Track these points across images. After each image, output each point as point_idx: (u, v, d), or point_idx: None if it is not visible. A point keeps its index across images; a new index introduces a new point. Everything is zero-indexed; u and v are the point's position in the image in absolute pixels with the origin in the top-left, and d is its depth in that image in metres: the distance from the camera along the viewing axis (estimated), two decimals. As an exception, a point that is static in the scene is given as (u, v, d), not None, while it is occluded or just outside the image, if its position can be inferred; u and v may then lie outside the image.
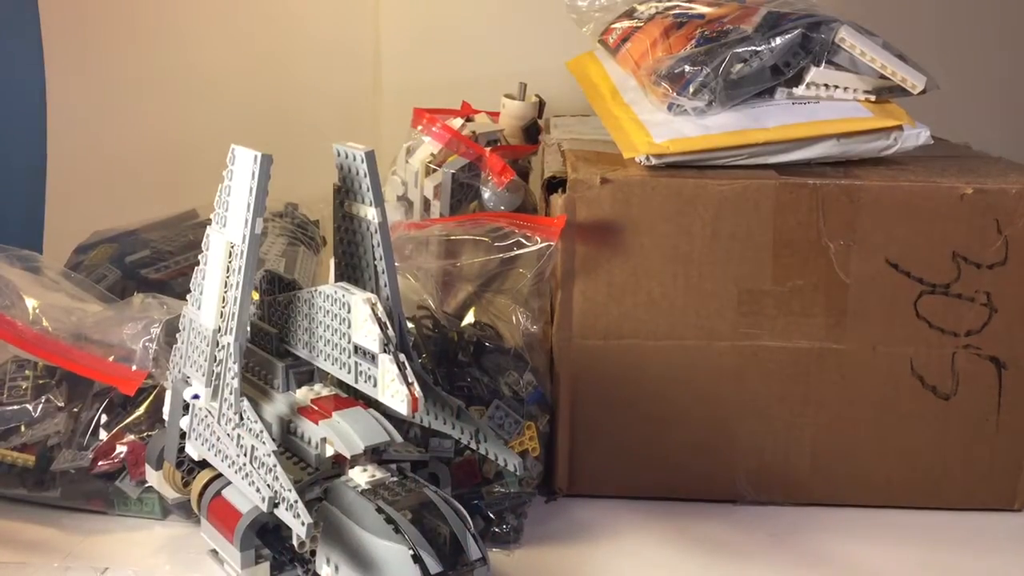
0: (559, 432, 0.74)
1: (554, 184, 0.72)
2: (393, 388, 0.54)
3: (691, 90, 0.71)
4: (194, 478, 0.62)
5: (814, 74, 0.72)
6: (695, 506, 0.74)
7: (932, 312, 0.70)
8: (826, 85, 0.73)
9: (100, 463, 0.69)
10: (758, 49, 0.71)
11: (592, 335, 0.72)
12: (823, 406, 0.72)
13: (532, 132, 0.95)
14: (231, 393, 0.57)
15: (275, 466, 0.53)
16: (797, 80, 0.73)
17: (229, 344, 0.57)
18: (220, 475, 0.61)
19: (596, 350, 0.72)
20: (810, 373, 0.72)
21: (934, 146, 0.75)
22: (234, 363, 0.56)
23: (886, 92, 0.73)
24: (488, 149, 0.85)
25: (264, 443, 0.55)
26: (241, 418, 0.56)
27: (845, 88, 0.73)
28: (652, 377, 0.72)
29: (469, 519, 0.56)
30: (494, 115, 0.96)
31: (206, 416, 0.59)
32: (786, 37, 0.71)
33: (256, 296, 0.64)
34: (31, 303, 0.72)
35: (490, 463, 0.68)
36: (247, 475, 0.56)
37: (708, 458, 0.74)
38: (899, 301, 0.70)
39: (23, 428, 0.71)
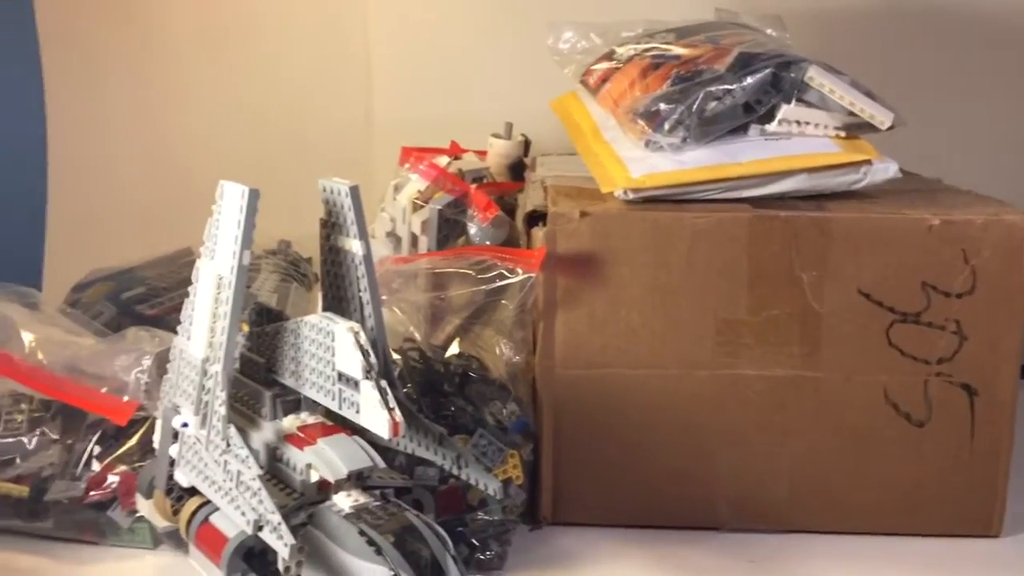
0: (543, 461, 0.75)
1: (535, 218, 0.74)
2: (375, 413, 0.56)
3: (666, 127, 0.74)
4: (183, 505, 0.64)
5: (785, 111, 0.75)
6: (677, 533, 0.75)
7: (904, 340, 0.72)
8: (797, 122, 0.75)
9: (92, 493, 0.71)
10: (730, 88, 0.74)
11: (574, 365, 0.74)
12: (800, 433, 0.74)
13: (518, 170, 0.98)
14: (219, 420, 0.58)
15: (260, 489, 0.55)
16: (769, 117, 0.75)
17: (217, 373, 0.59)
18: (208, 502, 0.62)
19: (578, 379, 0.74)
20: (787, 401, 0.73)
21: (905, 179, 0.78)
22: (221, 391, 0.58)
23: (855, 128, 0.76)
24: (474, 186, 0.87)
25: (250, 468, 0.56)
26: (228, 444, 0.58)
27: (816, 124, 0.75)
28: (634, 406, 0.74)
29: (450, 543, 0.57)
30: (482, 154, 0.99)
31: (195, 443, 0.61)
32: (757, 76, 0.74)
33: (245, 327, 0.66)
34: (27, 337, 0.74)
35: (475, 492, 0.70)
36: (233, 499, 0.57)
37: (689, 485, 0.75)
38: (871, 330, 0.72)
39: (18, 460, 0.72)
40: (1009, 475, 0.74)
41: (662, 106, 0.75)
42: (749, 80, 0.74)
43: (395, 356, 0.75)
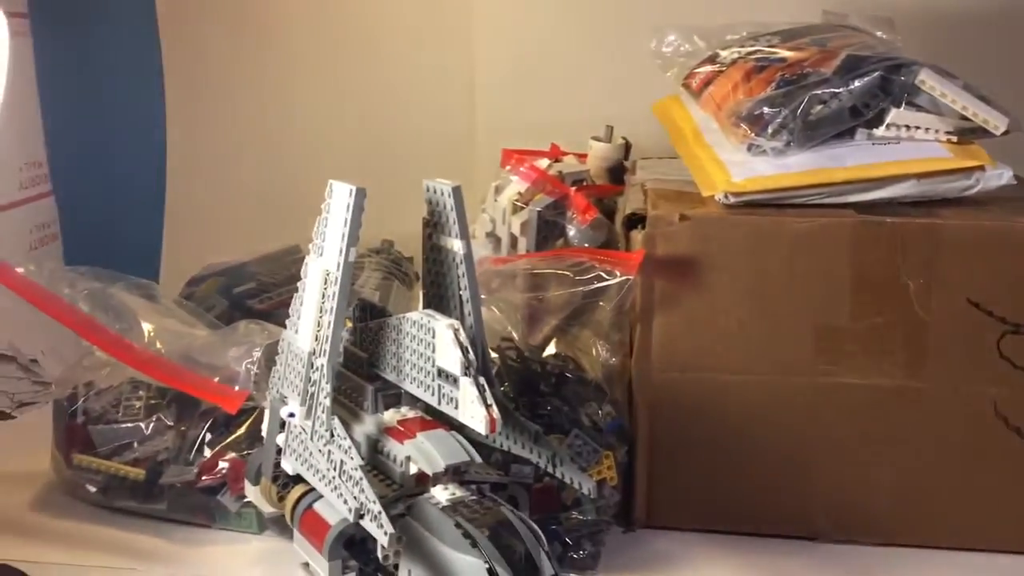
0: (637, 463, 0.75)
1: (634, 221, 0.74)
2: (472, 409, 0.57)
3: (770, 131, 0.73)
4: (288, 492, 0.66)
5: (894, 115, 0.73)
6: (773, 542, 0.74)
7: (1016, 352, 0.70)
8: (907, 126, 0.74)
9: (204, 478, 0.74)
10: (837, 91, 0.73)
11: (670, 367, 0.74)
12: (904, 445, 0.72)
13: (618, 173, 0.98)
14: (323, 411, 0.60)
15: (361, 479, 0.57)
16: (877, 121, 0.74)
17: (323, 365, 0.61)
18: (312, 490, 0.64)
19: (674, 382, 0.74)
20: (890, 411, 0.72)
21: (1020, 186, 0.75)
22: (327, 383, 0.60)
23: (968, 133, 0.73)
24: (573, 188, 0.88)
25: (352, 458, 0.58)
26: (332, 435, 0.60)
27: (926, 129, 0.74)
28: (729, 411, 0.74)
29: (544, 539, 0.58)
30: (582, 157, 1.00)
31: (300, 433, 0.63)
32: (865, 79, 0.73)
33: (349, 323, 0.68)
34: (147, 327, 0.78)
35: (569, 491, 0.70)
36: (336, 488, 0.59)
37: (786, 494, 0.74)
38: (981, 340, 0.70)
39: (136, 444, 0.76)
40: None
41: (766, 110, 0.74)
42: (857, 83, 0.73)
43: (493, 355, 0.76)
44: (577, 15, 1.15)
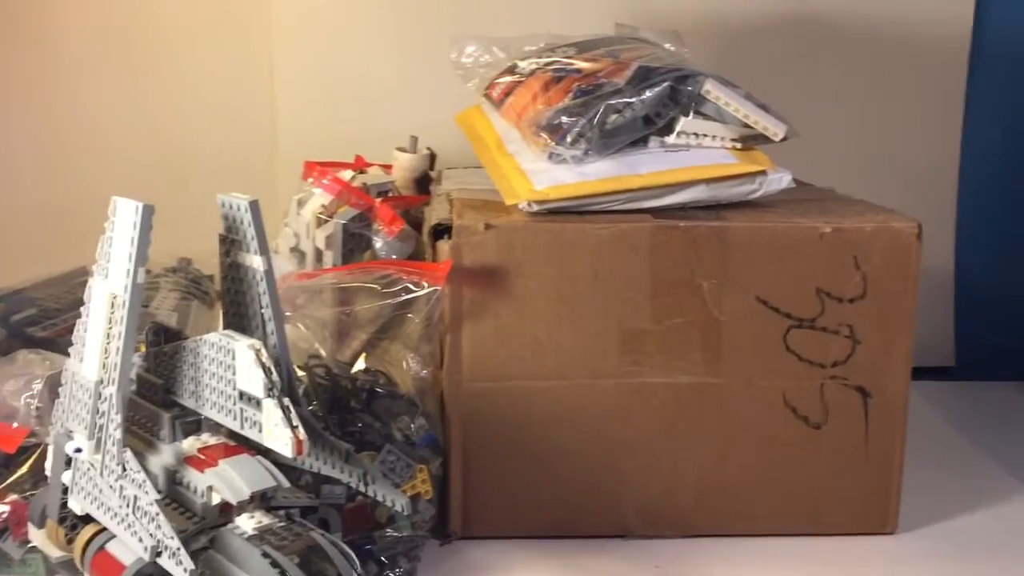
0: (452, 474, 0.75)
1: (440, 231, 0.74)
2: (277, 432, 0.55)
3: (569, 140, 0.75)
4: (77, 534, 0.62)
5: (683, 124, 0.77)
6: (586, 542, 0.76)
7: (801, 345, 0.74)
8: (695, 134, 0.77)
9: (-19, 524, 0.68)
10: (630, 101, 0.76)
11: (481, 377, 0.74)
12: (704, 439, 0.75)
13: (424, 183, 0.98)
14: (113, 444, 0.56)
15: (157, 514, 0.53)
16: (668, 129, 0.77)
17: (112, 395, 0.57)
18: (104, 529, 0.60)
19: (486, 392, 0.74)
20: (691, 408, 0.75)
21: (799, 189, 0.80)
22: (116, 414, 0.56)
23: (751, 140, 0.78)
24: (379, 200, 0.87)
25: (147, 492, 0.54)
26: (124, 469, 0.56)
27: (713, 136, 0.77)
28: (541, 417, 0.74)
29: (357, 562, 0.56)
30: (387, 168, 0.99)
31: (89, 469, 0.59)
32: (656, 89, 0.76)
33: (142, 348, 0.64)
34: (-91, 363, 0.71)
35: (383, 508, 0.69)
36: (130, 525, 0.55)
37: (597, 494, 0.76)
38: (770, 336, 0.74)
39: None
40: (903, 474, 0.77)
41: (564, 119, 0.76)
42: (648, 93, 0.76)
43: (300, 373, 0.74)
44: (379, 25, 1.14)
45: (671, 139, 0.77)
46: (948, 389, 1.12)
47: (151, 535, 0.54)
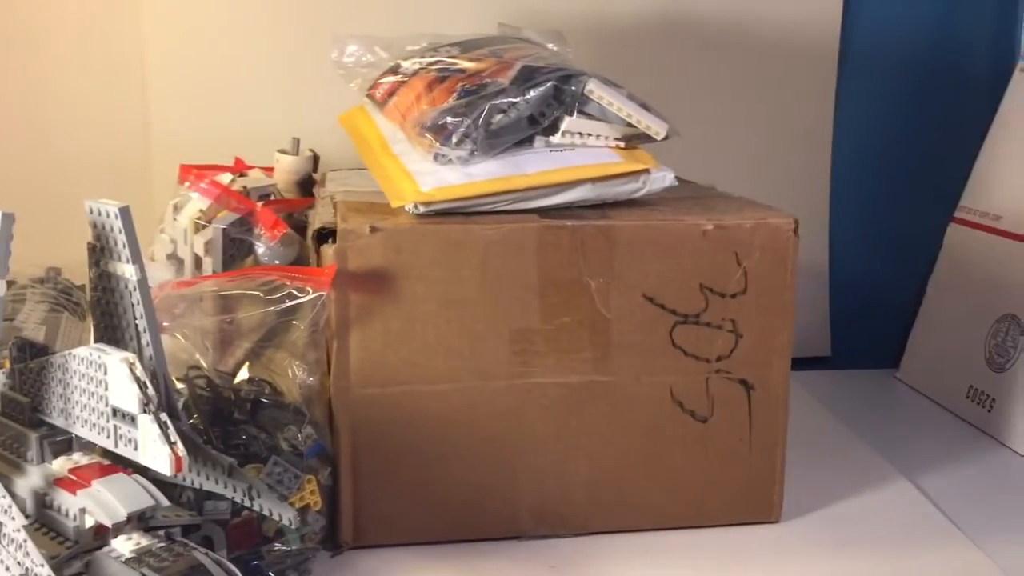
0: (342, 484, 0.73)
1: (324, 234, 0.72)
2: (154, 449, 0.52)
3: (454, 140, 0.74)
4: (-63, 566, 0.58)
5: (568, 123, 0.77)
6: (481, 545, 0.75)
7: (686, 341, 0.75)
8: (580, 133, 0.77)
9: None
10: (515, 101, 0.75)
11: (370, 383, 0.73)
12: (595, 437, 0.76)
13: (307, 186, 0.96)
14: (-25, 469, 0.53)
15: (25, 541, 0.50)
16: (553, 129, 0.77)
17: (-29, 416, 0.53)
18: (-33, 559, 0.56)
19: (375, 398, 0.73)
20: (582, 406, 0.75)
21: (682, 187, 0.81)
22: (-23, 436, 0.53)
23: (634, 139, 0.79)
24: (260, 204, 0.84)
25: (14, 518, 0.51)
26: (-13, 494, 0.53)
27: (597, 136, 0.78)
28: (433, 421, 0.74)
29: (243, 578, 0.55)
30: (268, 170, 0.96)
31: (-52, 496, 0.55)
32: (540, 89, 0.76)
33: (6, 364, 0.61)
34: None
35: (270, 523, 0.67)
36: (-5, 555, 0.52)
37: (491, 497, 0.75)
38: (657, 332, 0.75)
39: None
40: (785, 464, 0.79)
41: (449, 119, 0.75)
42: (532, 93, 0.76)
43: (179, 385, 0.71)
44: (257, 23, 1.10)
45: (556, 139, 0.77)
46: (825, 378, 1.16)
47: (19, 563, 0.51)
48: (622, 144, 0.78)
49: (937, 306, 1.16)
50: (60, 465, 0.58)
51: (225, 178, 0.87)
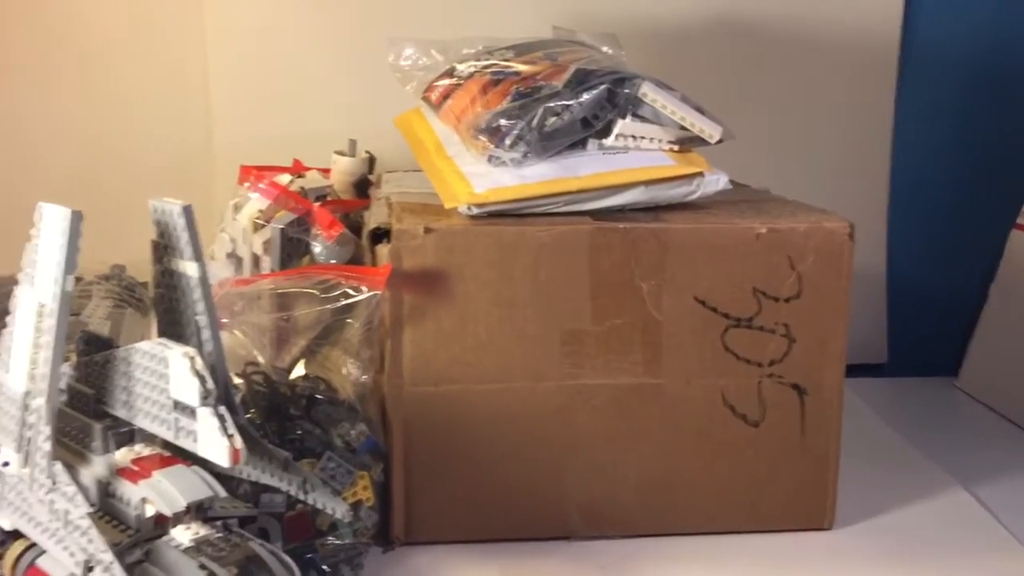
0: (394, 480, 0.74)
1: (379, 235, 0.73)
2: (213, 441, 0.54)
3: (508, 143, 0.75)
4: (6, 550, 0.60)
5: (621, 126, 0.77)
6: (530, 545, 0.76)
7: (738, 344, 0.75)
8: (633, 136, 0.78)
9: (-97, 543, 0.65)
10: (568, 103, 0.76)
11: (423, 382, 0.74)
12: (645, 439, 0.76)
13: (363, 187, 0.97)
14: (43, 457, 0.55)
15: (89, 528, 0.52)
16: (606, 132, 0.77)
17: (40, 407, 0.55)
18: (35, 545, 0.58)
19: (427, 396, 0.74)
20: (632, 408, 0.75)
21: (736, 191, 0.81)
22: (45, 425, 0.55)
23: (687, 142, 0.79)
24: (317, 204, 0.86)
25: (78, 506, 0.53)
26: (54, 482, 0.54)
27: (650, 139, 0.78)
28: (483, 420, 0.74)
29: (297, 571, 0.56)
30: (325, 172, 0.98)
31: (17, 483, 0.57)
32: (593, 92, 0.76)
33: (73, 357, 0.63)
34: None
35: (324, 516, 0.68)
36: (60, 540, 0.54)
37: (540, 497, 0.76)
38: (708, 335, 0.75)
39: None
40: (838, 470, 0.78)
41: (503, 122, 0.75)
42: (586, 96, 0.76)
43: (237, 381, 0.73)
44: (316, 27, 1.12)
45: (609, 141, 0.77)
46: (881, 385, 1.15)
47: (83, 549, 0.52)
48: (675, 147, 0.78)
49: (999, 312, 1.14)
50: (123, 456, 0.60)
51: (284, 179, 0.89)
